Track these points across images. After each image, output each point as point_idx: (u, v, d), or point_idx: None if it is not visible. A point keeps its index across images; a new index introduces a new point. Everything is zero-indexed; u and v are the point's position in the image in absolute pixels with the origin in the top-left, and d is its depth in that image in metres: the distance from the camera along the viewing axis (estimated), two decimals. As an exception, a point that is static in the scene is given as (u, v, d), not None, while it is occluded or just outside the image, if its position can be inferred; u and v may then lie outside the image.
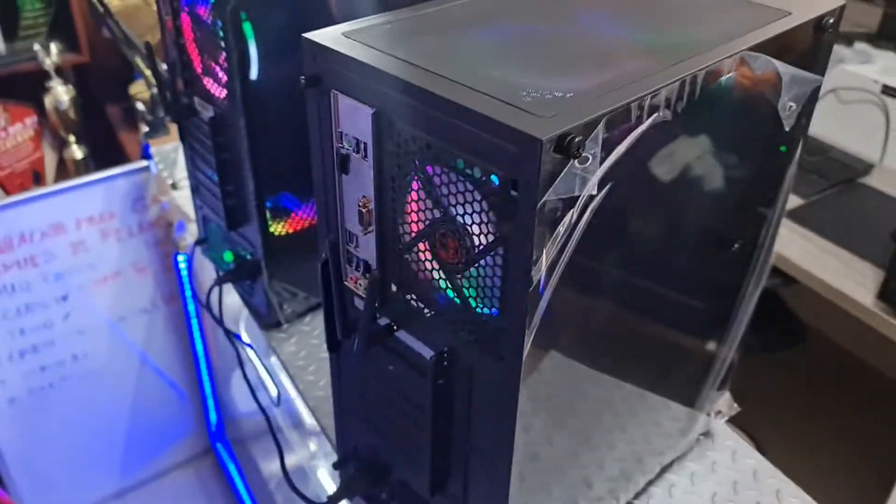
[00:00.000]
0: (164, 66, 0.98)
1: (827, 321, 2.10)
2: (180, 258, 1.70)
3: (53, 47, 1.73)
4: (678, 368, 0.81)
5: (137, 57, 1.80)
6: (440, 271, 0.55)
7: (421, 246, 0.56)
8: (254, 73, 0.86)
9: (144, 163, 1.65)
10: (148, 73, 1.76)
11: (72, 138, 1.80)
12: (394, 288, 0.60)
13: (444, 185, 0.51)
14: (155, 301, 1.83)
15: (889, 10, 1.98)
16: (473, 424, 0.60)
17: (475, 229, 0.50)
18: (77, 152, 1.82)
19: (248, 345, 1.06)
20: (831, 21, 0.64)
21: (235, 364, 1.06)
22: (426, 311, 0.58)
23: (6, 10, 1.71)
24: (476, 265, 0.51)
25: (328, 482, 0.96)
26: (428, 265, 0.56)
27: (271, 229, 0.98)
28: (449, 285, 0.55)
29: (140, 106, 1.62)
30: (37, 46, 1.66)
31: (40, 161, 1.82)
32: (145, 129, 1.52)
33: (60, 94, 1.73)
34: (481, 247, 0.50)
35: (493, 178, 0.47)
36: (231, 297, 1.11)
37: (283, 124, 0.92)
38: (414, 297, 0.59)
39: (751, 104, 0.62)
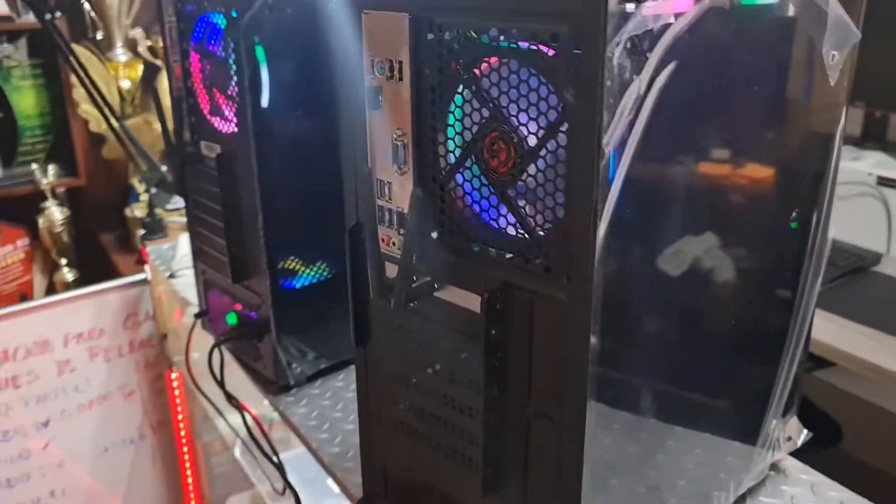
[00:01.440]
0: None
1: (858, 425, 1.98)
2: (173, 376, 1.60)
3: (51, 169, 1.72)
4: (737, 391, 0.72)
5: (136, 178, 1.80)
6: (490, 188, 0.49)
7: (466, 167, 0.50)
8: (265, 101, 0.84)
9: (139, 275, 1.59)
10: (145, 196, 1.76)
11: (63, 261, 1.76)
12: (434, 235, 0.54)
13: (493, 72, 0.46)
14: (142, 430, 1.70)
15: (869, 112, 2.04)
16: (535, 384, 0.51)
17: (532, 112, 0.45)
18: (68, 275, 1.76)
19: (251, 413, 0.96)
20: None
21: (230, 489, 0.96)
22: (474, 247, 0.51)
23: (6, 135, 1.72)
24: (536, 159, 0.46)
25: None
26: (475, 186, 0.50)
27: (281, 278, 0.91)
28: (502, 202, 0.48)
29: (138, 213, 1.59)
30: (34, 166, 1.65)
31: (29, 284, 1.76)
32: (142, 231, 1.48)
33: (55, 214, 1.70)
34: (540, 133, 0.45)
35: (552, 44, 0.43)
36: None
37: (293, 160, 0.88)
38: (457, 237, 0.52)
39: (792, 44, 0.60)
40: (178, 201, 1.58)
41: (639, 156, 0.45)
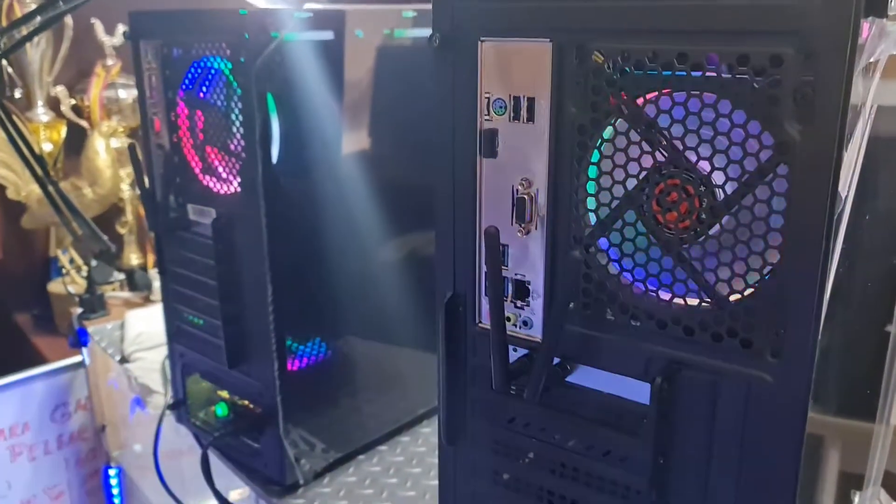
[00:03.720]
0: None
1: None
2: (112, 472, 1.40)
3: (-39, 243, 1.52)
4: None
5: (61, 249, 1.61)
6: (664, 247, 0.40)
7: (627, 223, 0.41)
8: (275, 155, 0.73)
9: (73, 359, 1.40)
10: (71, 268, 1.57)
11: (-25, 347, 1.54)
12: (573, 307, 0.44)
13: (677, 107, 0.38)
14: (72, 539, 1.48)
15: None
16: (717, 490, 0.42)
17: (734, 154, 0.37)
18: (-20, 363, 1.54)
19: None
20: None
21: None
22: (633, 321, 0.42)
23: None
24: (735, 209, 0.37)
25: None
26: (639, 245, 0.41)
27: (290, 361, 0.78)
28: (678, 264, 0.40)
29: (72, 289, 1.41)
30: (-58, 240, 1.45)
31: (-67, 376, 1.53)
32: (78, 310, 1.30)
33: (-35, 294, 1.49)
34: (745, 178, 0.37)
35: (771, 68, 0.35)
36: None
37: (302, 224, 0.77)
38: (608, 309, 0.43)
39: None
40: (118, 274, 1.41)
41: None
